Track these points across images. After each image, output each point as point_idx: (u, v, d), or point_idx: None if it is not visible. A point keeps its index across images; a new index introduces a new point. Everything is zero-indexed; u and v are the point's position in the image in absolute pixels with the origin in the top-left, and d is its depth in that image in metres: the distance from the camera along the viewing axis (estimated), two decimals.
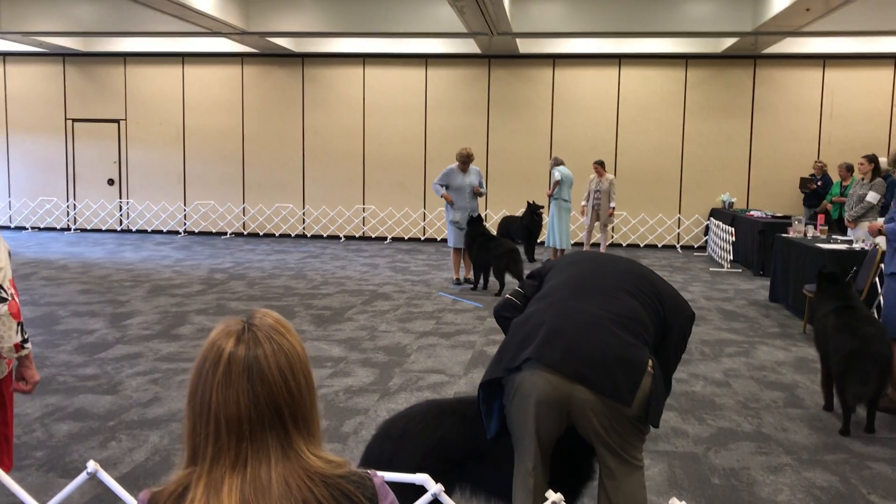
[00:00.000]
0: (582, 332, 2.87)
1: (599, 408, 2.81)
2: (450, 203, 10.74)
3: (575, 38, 15.53)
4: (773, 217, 13.37)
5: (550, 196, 13.41)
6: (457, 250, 11.00)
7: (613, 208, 13.84)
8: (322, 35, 15.37)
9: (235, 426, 1.38)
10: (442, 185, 10.83)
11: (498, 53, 16.37)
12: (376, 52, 16.64)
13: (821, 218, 10.96)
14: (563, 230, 13.25)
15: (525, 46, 16.02)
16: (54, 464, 4.57)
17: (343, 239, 17.04)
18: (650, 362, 2.86)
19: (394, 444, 3.14)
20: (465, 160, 10.72)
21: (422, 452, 3.10)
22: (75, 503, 4.03)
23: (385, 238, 17.03)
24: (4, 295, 3.00)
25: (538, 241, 14.29)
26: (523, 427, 2.92)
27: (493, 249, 10.34)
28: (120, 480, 4.30)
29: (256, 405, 1.39)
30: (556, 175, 13.16)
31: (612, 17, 13.72)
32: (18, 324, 3.05)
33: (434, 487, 2.56)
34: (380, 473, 2.11)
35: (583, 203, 13.98)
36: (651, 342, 2.99)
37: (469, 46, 16.12)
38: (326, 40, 16.47)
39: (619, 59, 16.24)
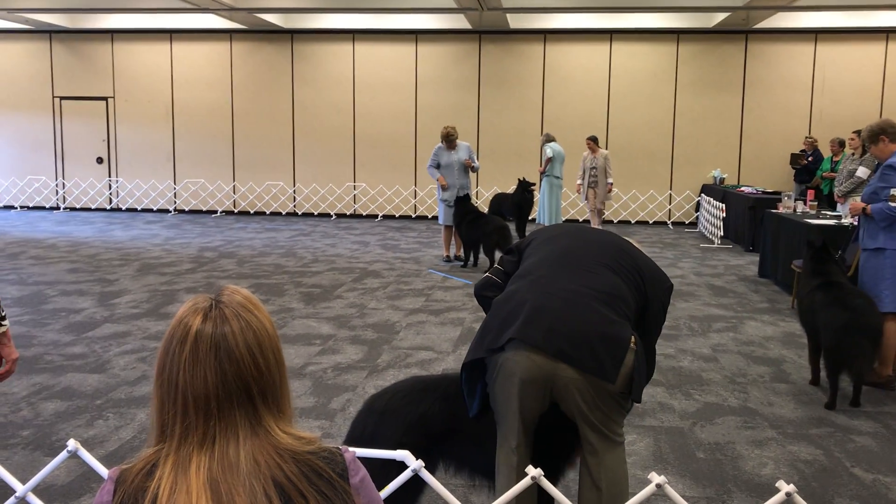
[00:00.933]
0: (565, 310, 2.86)
1: (583, 385, 2.82)
2: (443, 187, 10.70)
3: (565, 14, 15.43)
4: (764, 193, 13.38)
5: (542, 173, 13.39)
6: (447, 227, 10.99)
7: (611, 184, 13.63)
8: (311, 11, 15.25)
9: (203, 404, 1.38)
10: (435, 166, 10.80)
11: (488, 29, 16.26)
12: (366, 28, 16.51)
13: (810, 193, 10.96)
14: (553, 207, 13.24)
15: (515, 22, 15.91)
16: (41, 442, 4.57)
17: (334, 217, 17.00)
18: (633, 338, 2.86)
19: (376, 419, 3.15)
20: (445, 139, 10.68)
21: (403, 428, 3.11)
22: (62, 481, 4.03)
23: (376, 216, 16.99)
24: None
25: (529, 218, 14.27)
26: (507, 406, 2.92)
27: (482, 227, 10.32)
28: (107, 458, 4.31)
29: (224, 383, 1.38)
30: (548, 152, 13.13)
31: None
32: None
33: (414, 463, 2.57)
34: (359, 450, 2.11)
35: (578, 182, 13.87)
36: (632, 317, 2.99)
37: (459, 22, 16.00)
38: (315, 16, 16.33)
39: (611, 34, 16.15)
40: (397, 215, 16.97)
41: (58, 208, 17.77)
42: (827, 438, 4.80)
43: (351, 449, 1.50)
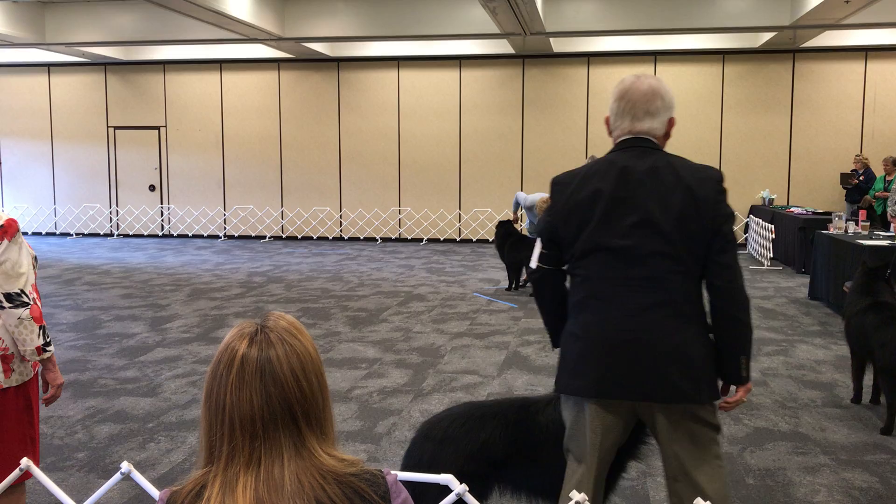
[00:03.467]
0: (636, 346, 2.75)
1: (666, 414, 2.77)
2: (513, 221, 11.06)
3: (609, 37, 15.43)
4: (814, 213, 13.15)
5: None
6: None
7: None
8: (356, 39, 15.49)
9: (249, 425, 1.42)
10: (518, 206, 11.12)
11: (532, 53, 16.34)
12: (410, 54, 16.71)
13: (862, 214, 10.75)
14: None
15: (559, 45, 15.97)
16: (95, 465, 4.68)
17: (379, 241, 17.13)
18: (704, 343, 2.76)
19: (435, 447, 3.14)
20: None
21: (464, 455, 3.10)
22: (115, 503, 4.12)
23: (421, 239, 17.09)
24: (26, 299, 3.10)
25: None
26: (583, 447, 2.86)
27: (524, 250, 10.31)
28: (158, 481, 4.39)
29: (269, 404, 1.43)
30: None
31: (647, 14, 13.62)
32: (40, 327, 3.14)
33: (458, 487, 2.57)
34: (401, 473, 2.13)
35: None
36: (700, 303, 2.82)
37: (502, 47, 16.11)
38: (361, 44, 16.59)
39: (655, 56, 16.10)
40: (442, 239, 17.05)
41: (112, 235, 18.22)
42: (883, 465, 4.68)
43: (393, 472, 1.52)
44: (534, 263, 3.01)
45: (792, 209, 13.85)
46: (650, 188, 2.81)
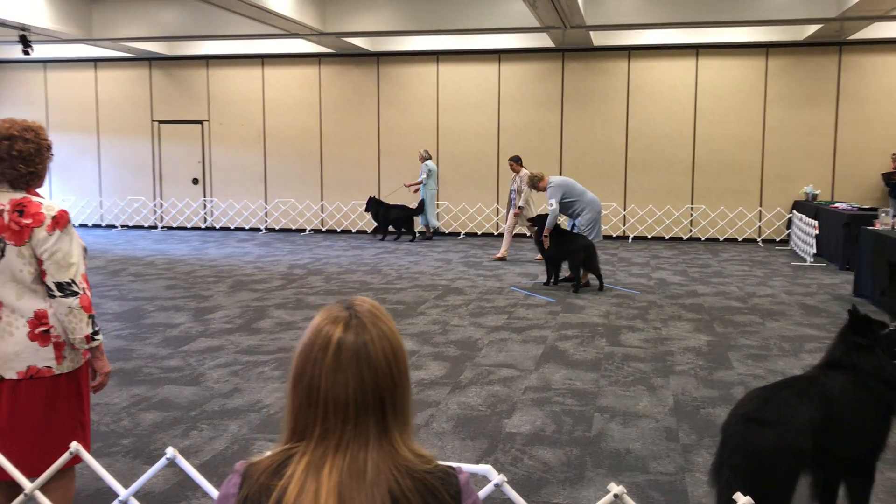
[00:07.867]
0: None
1: None
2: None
3: (650, 30, 15.28)
4: (860, 209, 12.91)
5: (408, 186, 15.93)
6: None
7: (521, 208, 12.90)
8: (397, 34, 15.57)
9: (343, 409, 1.44)
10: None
11: (571, 47, 16.25)
12: (450, 49, 16.74)
13: None
14: (432, 212, 16.00)
15: (599, 39, 15.86)
16: (140, 451, 4.80)
17: (417, 235, 17.19)
18: None
19: (776, 431, 3.29)
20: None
21: (801, 434, 3.29)
22: (159, 489, 4.22)
23: (459, 233, 17.12)
24: (76, 289, 3.20)
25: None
26: None
27: (568, 244, 10.28)
28: (201, 468, 4.49)
29: (363, 390, 1.45)
30: (422, 174, 15.27)
31: (689, 7, 13.46)
32: (89, 316, 3.23)
33: (497, 478, 2.61)
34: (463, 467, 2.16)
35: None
36: None
37: (542, 41, 16.05)
38: (401, 39, 16.64)
39: (697, 49, 15.91)
40: (479, 233, 17.06)
41: (156, 227, 18.54)
42: None
43: (465, 471, 1.53)
44: None
45: (836, 205, 13.61)
46: None
